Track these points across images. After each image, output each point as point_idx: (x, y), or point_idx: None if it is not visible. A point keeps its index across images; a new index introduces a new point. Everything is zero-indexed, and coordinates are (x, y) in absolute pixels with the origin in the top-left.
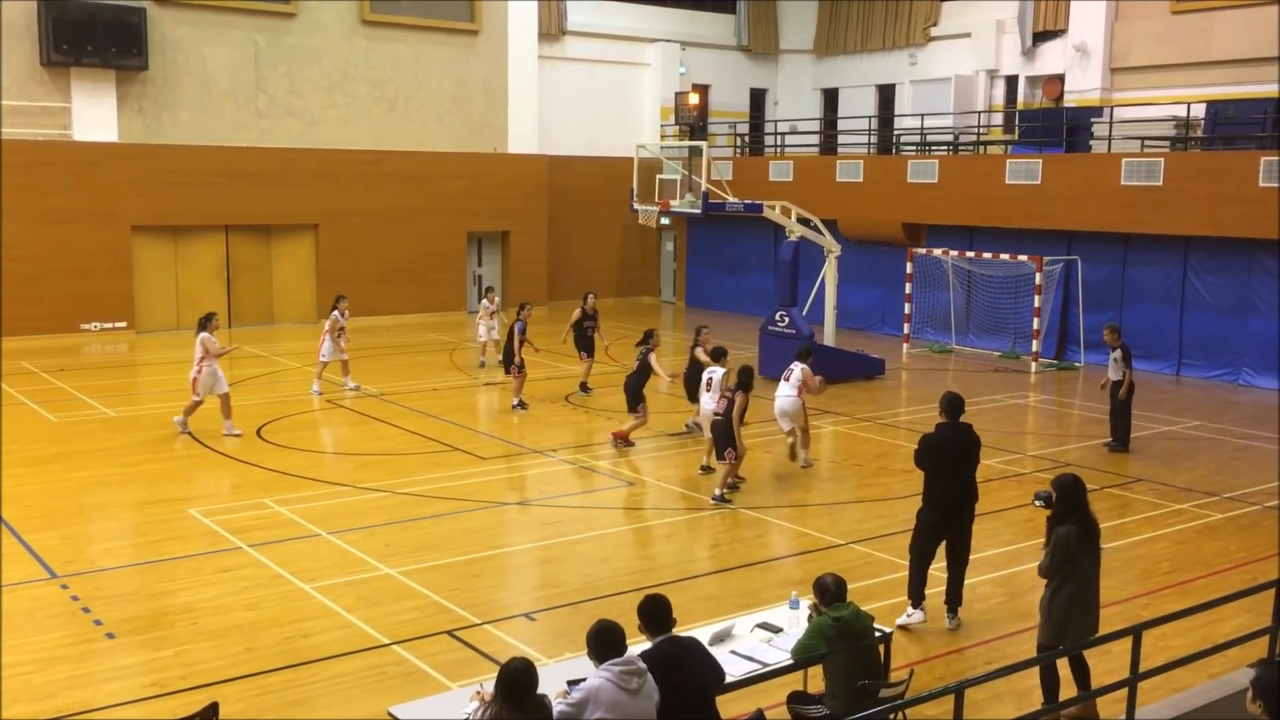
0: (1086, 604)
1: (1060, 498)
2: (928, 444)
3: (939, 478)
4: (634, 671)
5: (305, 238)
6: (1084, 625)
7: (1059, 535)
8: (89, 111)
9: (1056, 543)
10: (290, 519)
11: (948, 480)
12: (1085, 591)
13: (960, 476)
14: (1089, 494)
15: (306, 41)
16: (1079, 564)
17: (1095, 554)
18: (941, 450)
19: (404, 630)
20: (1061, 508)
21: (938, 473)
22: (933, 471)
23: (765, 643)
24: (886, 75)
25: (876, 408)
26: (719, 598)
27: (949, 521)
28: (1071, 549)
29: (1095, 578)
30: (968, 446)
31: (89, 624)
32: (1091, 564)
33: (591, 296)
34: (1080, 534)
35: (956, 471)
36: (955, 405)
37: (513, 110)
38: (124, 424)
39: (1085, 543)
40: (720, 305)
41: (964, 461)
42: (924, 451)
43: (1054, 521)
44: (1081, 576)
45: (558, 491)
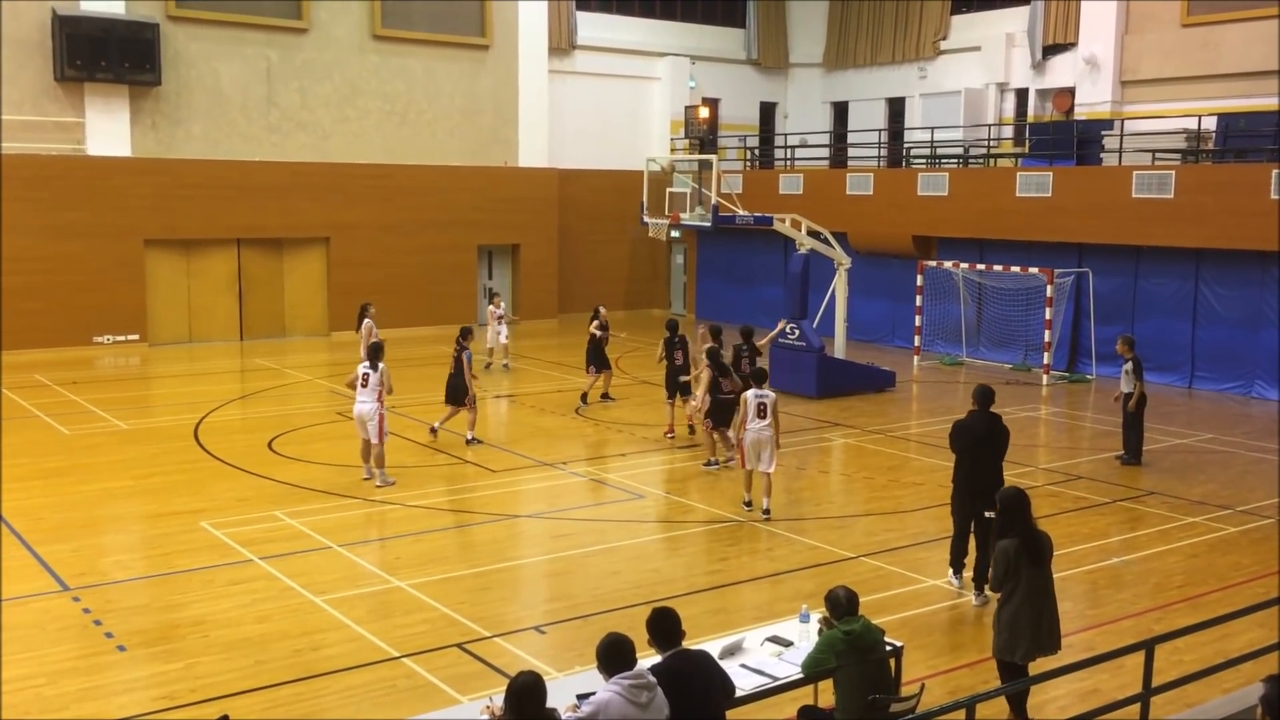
0: (1036, 618)
1: (1002, 511)
2: (958, 428)
3: (966, 460)
4: (644, 685)
5: (316, 251)
6: (1034, 639)
7: (1000, 548)
8: (102, 126)
9: (998, 556)
10: (301, 531)
11: (974, 463)
12: (1033, 604)
13: (984, 462)
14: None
15: (318, 56)
16: (1021, 577)
17: (1042, 568)
18: (966, 433)
19: (414, 643)
20: (1004, 521)
21: (965, 455)
22: (961, 453)
23: (775, 656)
24: (896, 88)
25: (887, 420)
26: (728, 611)
27: (972, 500)
28: (1012, 562)
29: (1045, 591)
30: (994, 434)
31: (100, 636)
32: (1036, 578)
33: (603, 309)
34: (1021, 547)
35: (980, 456)
36: (986, 395)
37: (523, 124)
38: (136, 436)
39: (1028, 556)
40: (730, 317)
41: (989, 447)
42: (954, 435)
43: (997, 535)
44: (1029, 590)
45: (567, 504)
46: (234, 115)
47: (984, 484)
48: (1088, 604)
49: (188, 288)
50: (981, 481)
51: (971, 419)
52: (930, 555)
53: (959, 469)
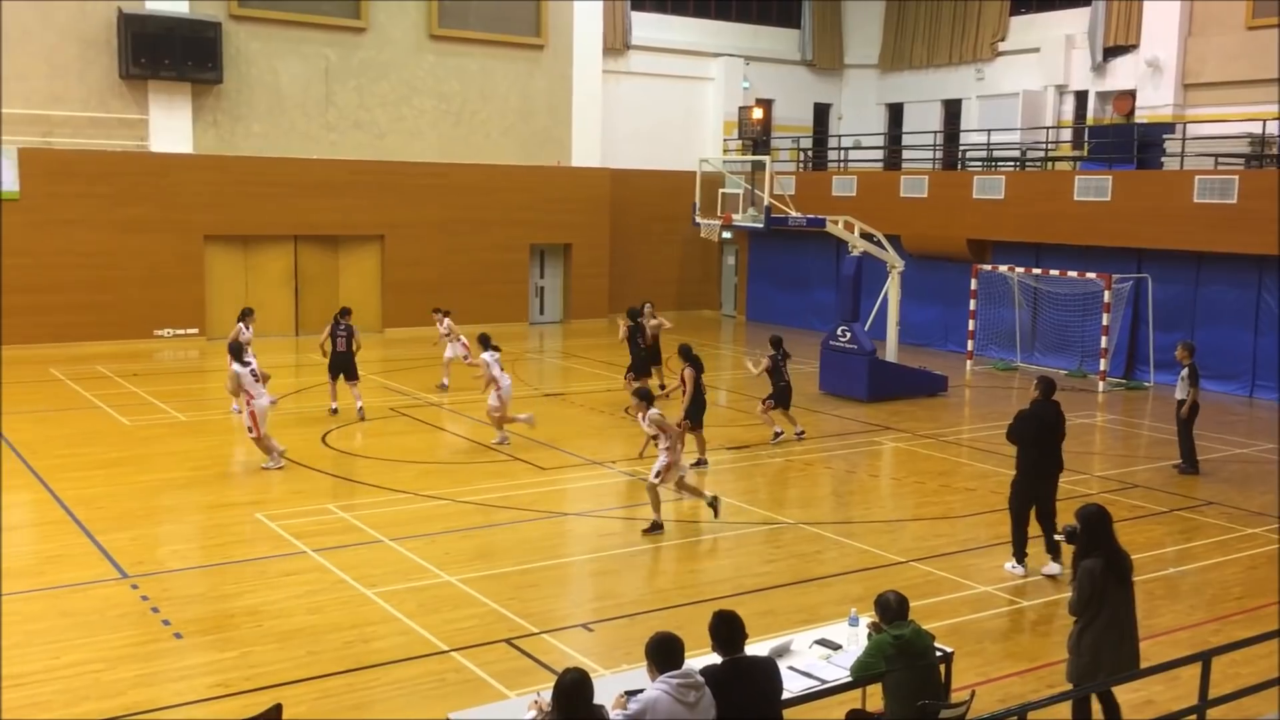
0: (1120, 641)
1: (1084, 529)
2: (1024, 417)
3: (1030, 446)
4: (692, 685)
5: (371, 248)
6: (1117, 664)
7: (1084, 568)
8: (165, 123)
9: (1082, 576)
10: (353, 524)
11: (1040, 453)
12: (1117, 627)
13: (1043, 447)
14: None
15: (376, 56)
16: (1107, 598)
17: (1126, 588)
18: (1033, 421)
19: (463, 637)
20: (1086, 540)
21: (1029, 442)
22: (1024, 441)
23: (824, 659)
24: (953, 90)
25: (939, 425)
26: (776, 613)
27: (1036, 486)
28: (1098, 582)
29: (1129, 613)
30: (1053, 420)
31: (158, 624)
32: (1122, 598)
33: (649, 306)
34: (1107, 567)
35: (1040, 441)
36: (1050, 384)
37: (576, 124)
38: (193, 429)
39: (1113, 576)
40: (781, 320)
41: (1050, 433)
42: (1020, 424)
43: (1079, 555)
44: (1112, 612)
45: (615, 503)
46: (293, 113)
47: (1049, 470)
48: (1144, 614)
49: (245, 283)
50: (1047, 468)
51: (1036, 407)
52: (981, 561)
53: (1025, 458)
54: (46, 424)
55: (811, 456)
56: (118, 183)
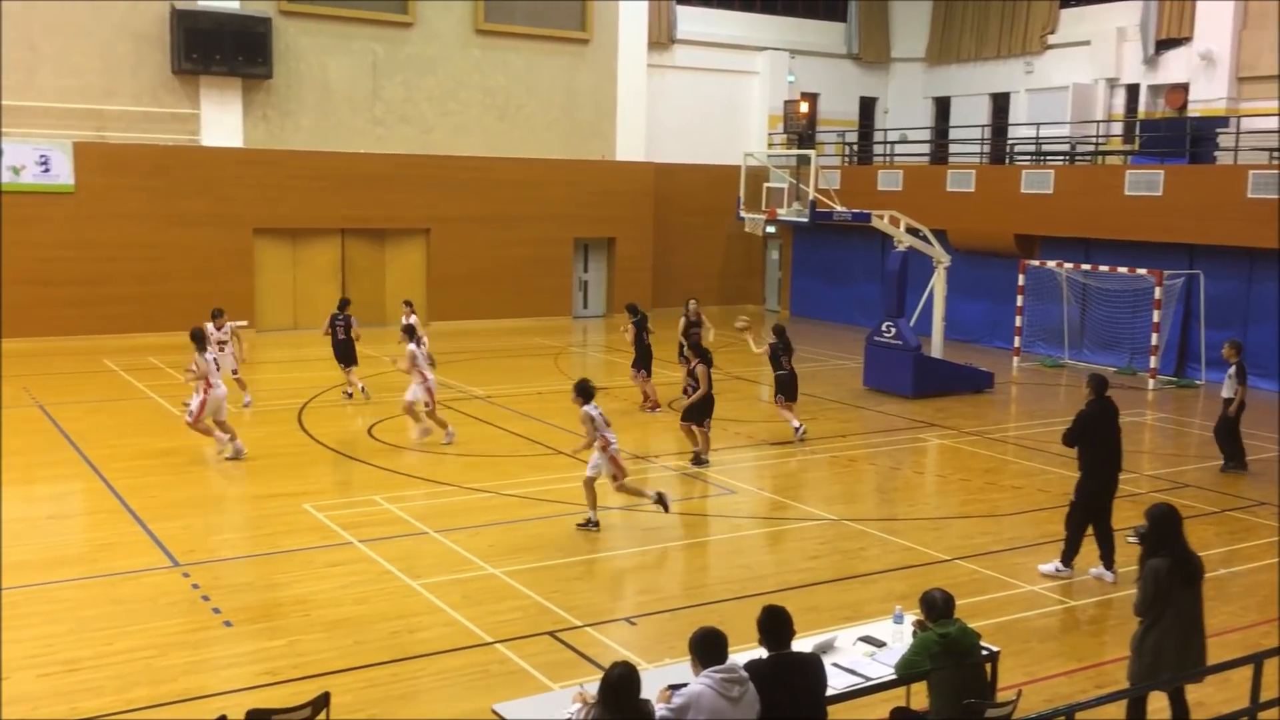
0: (1185, 643)
1: (1152, 528)
2: (1085, 418)
3: (1100, 447)
4: (735, 680)
5: (417, 242)
6: (1181, 666)
7: (1149, 567)
8: (216, 118)
9: (1146, 576)
10: (399, 516)
11: (1104, 448)
12: (1182, 629)
13: (1111, 444)
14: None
15: (422, 51)
16: (1171, 599)
17: (1192, 589)
18: (1098, 420)
19: (507, 630)
20: (1154, 538)
21: (1099, 442)
22: (1092, 442)
23: (868, 656)
24: (1001, 84)
25: (984, 422)
26: (819, 609)
27: (1104, 486)
28: (1163, 582)
29: (1195, 615)
30: (1114, 417)
31: (208, 612)
32: (1188, 600)
33: (694, 302)
34: (1174, 567)
35: (1108, 439)
36: (1103, 382)
37: (621, 118)
38: (242, 420)
39: (1180, 577)
40: (825, 315)
41: (1114, 431)
42: (1084, 425)
43: (1145, 554)
44: (1177, 613)
45: None
46: (340, 108)
47: (1113, 466)
48: None
49: (293, 276)
50: (1113, 467)
51: (1096, 407)
52: (1028, 560)
53: (1094, 459)
54: (100, 414)
55: (855, 453)
56: (169, 176)
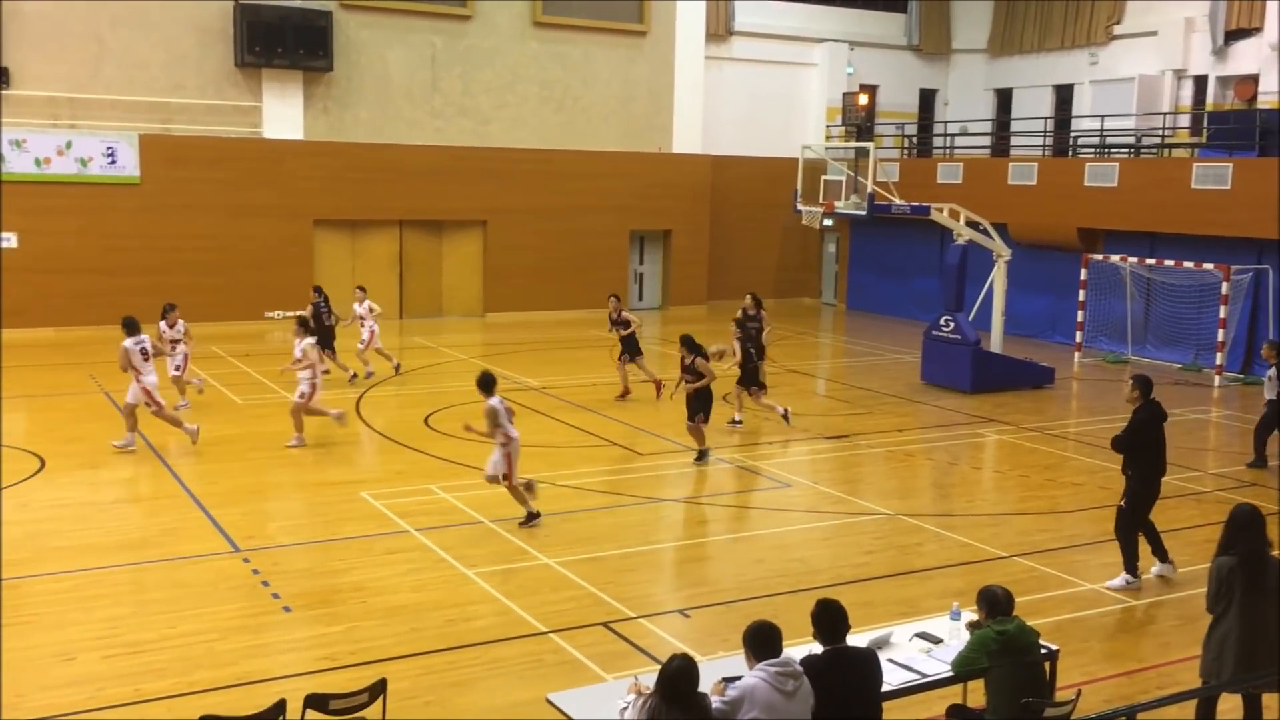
0: (1251, 645)
1: (1227, 525)
2: (1146, 421)
3: (1157, 448)
4: (790, 674)
5: (474, 234)
6: (1248, 665)
7: (1214, 564)
8: (278, 110)
9: (1210, 572)
10: (455, 505)
11: (1155, 452)
12: (1247, 631)
13: (1160, 448)
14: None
15: (481, 43)
16: (1236, 597)
17: (1260, 590)
18: (1156, 421)
19: (560, 620)
20: (1225, 537)
21: (1157, 445)
22: (1152, 445)
23: (924, 653)
24: (1065, 75)
25: (1045, 418)
26: (874, 604)
27: (1155, 490)
28: (1224, 580)
29: (1263, 617)
30: (1163, 420)
31: (268, 597)
32: (1256, 602)
33: (749, 297)
34: (1239, 566)
35: (1158, 443)
36: (1150, 383)
37: (678, 110)
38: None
39: (1244, 576)
40: (882, 309)
41: (1163, 434)
42: (1145, 428)
43: (1218, 551)
44: (1240, 612)
45: (713, 490)
46: (399, 101)
47: (1162, 472)
48: None
49: (352, 267)
50: (1161, 471)
51: (1151, 408)
52: (1089, 558)
53: (1153, 463)
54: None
55: (912, 447)
56: (232, 168)
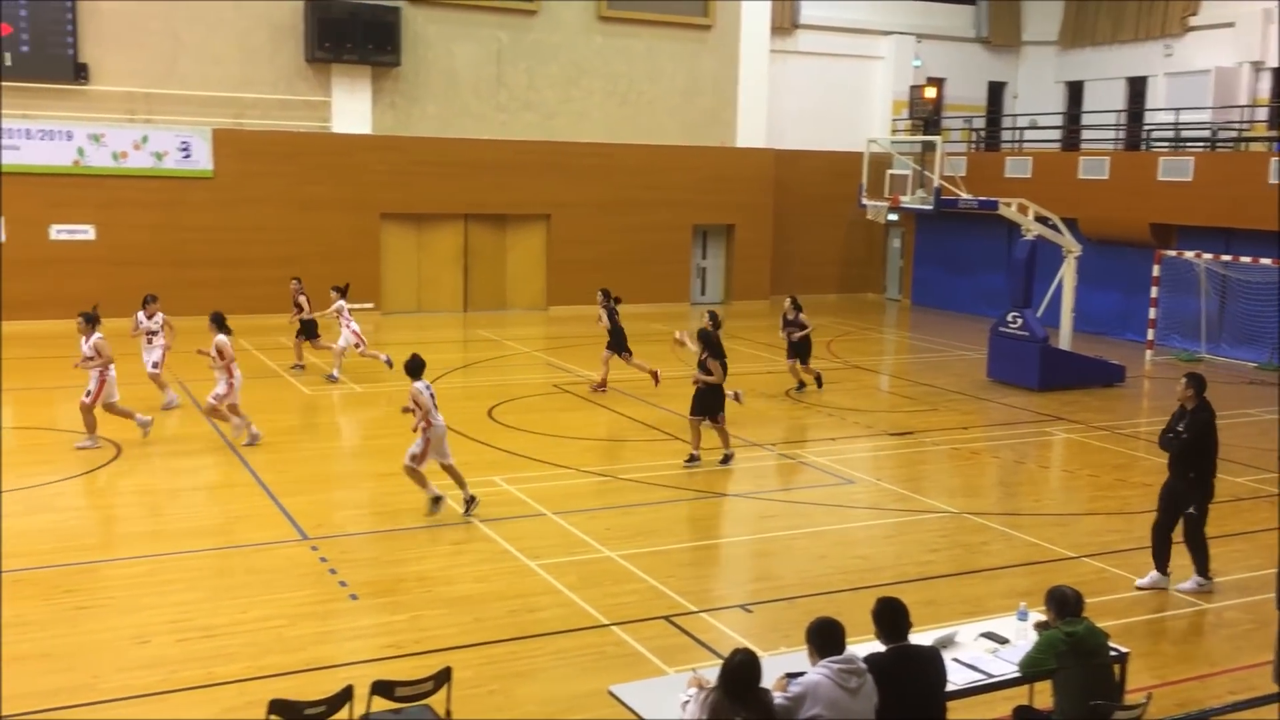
0: None
1: None
2: (1206, 424)
3: (1215, 450)
4: (854, 671)
5: (538, 227)
6: None
7: None
8: (346, 105)
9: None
10: (517, 498)
11: (1214, 454)
12: None
13: (1215, 450)
14: None
15: (546, 38)
16: None
17: None
18: (1214, 423)
19: (622, 612)
20: None
21: (1216, 446)
22: (1213, 446)
23: (990, 653)
24: (1138, 68)
25: (1115, 417)
26: (939, 603)
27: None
28: None
29: None
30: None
31: (335, 584)
32: None
33: (791, 300)
34: None
35: (1216, 445)
36: (1204, 382)
37: (742, 104)
38: (367, 399)
39: None
40: (948, 305)
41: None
42: (1210, 428)
43: None
44: None
45: (775, 485)
46: (465, 95)
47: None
48: None
49: (418, 260)
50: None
51: (1209, 408)
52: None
53: (1213, 462)
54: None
55: (978, 445)
56: (301, 162)
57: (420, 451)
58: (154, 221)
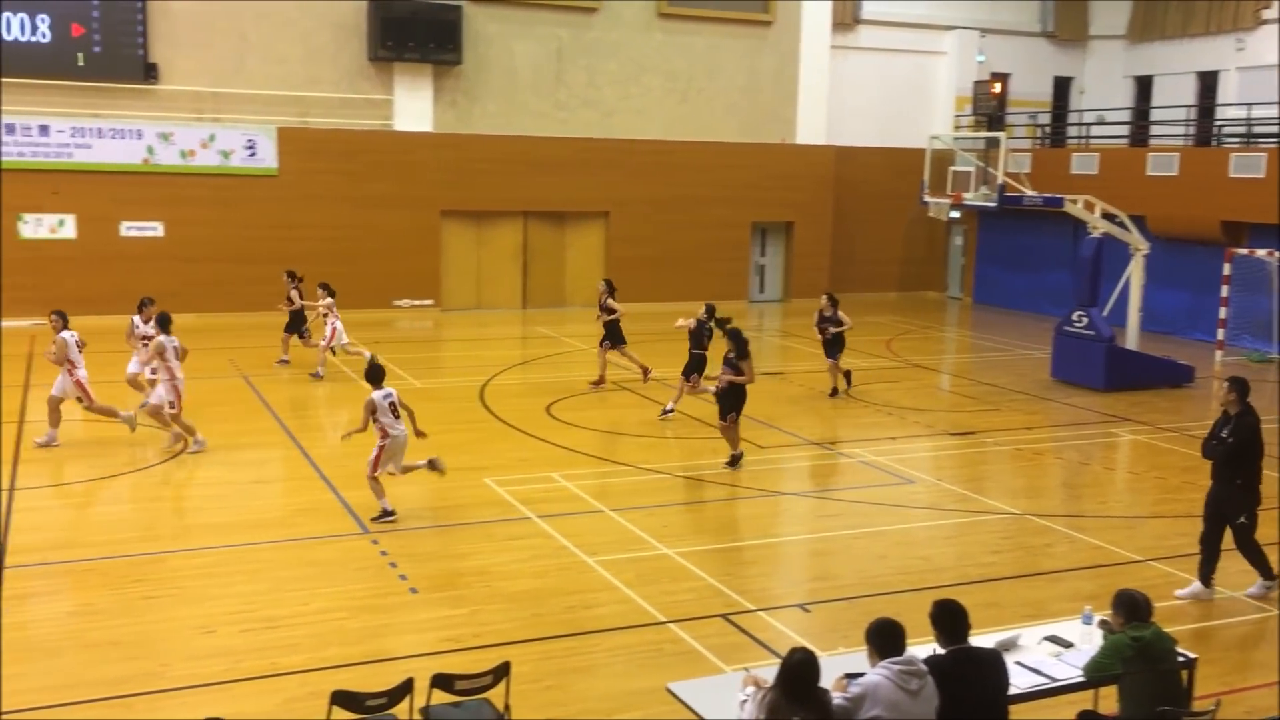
0: None
1: None
2: (1257, 427)
3: (1260, 456)
4: (914, 673)
5: (596, 225)
6: None
7: None
8: (408, 103)
9: None
10: (575, 493)
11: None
12: None
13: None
14: None
15: (606, 36)
16: None
17: None
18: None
19: (679, 610)
20: None
21: (1260, 452)
22: (1259, 453)
23: (1053, 657)
24: (1209, 62)
25: (1183, 418)
26: (1001, 605)
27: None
28: None
29: None
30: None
31: (395, 578)
32: None
33: (825, 297)
34: None
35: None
36: (1249, 387)
37: (802, 101)
38: (428, 394)
39: None
40: (1010, 303)
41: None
42: (1258, 434)
43: None
44: None
45: (834, 484)
46: (525, 93)
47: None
48: None
49: (477, 257)
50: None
51: (1252, 411)
52: (1228, 564)
53: (1259, 468)
54: (299, 386)
55: (1042, 446)
56: (363, 160)
57: (375, 458)
58: (219, 218)
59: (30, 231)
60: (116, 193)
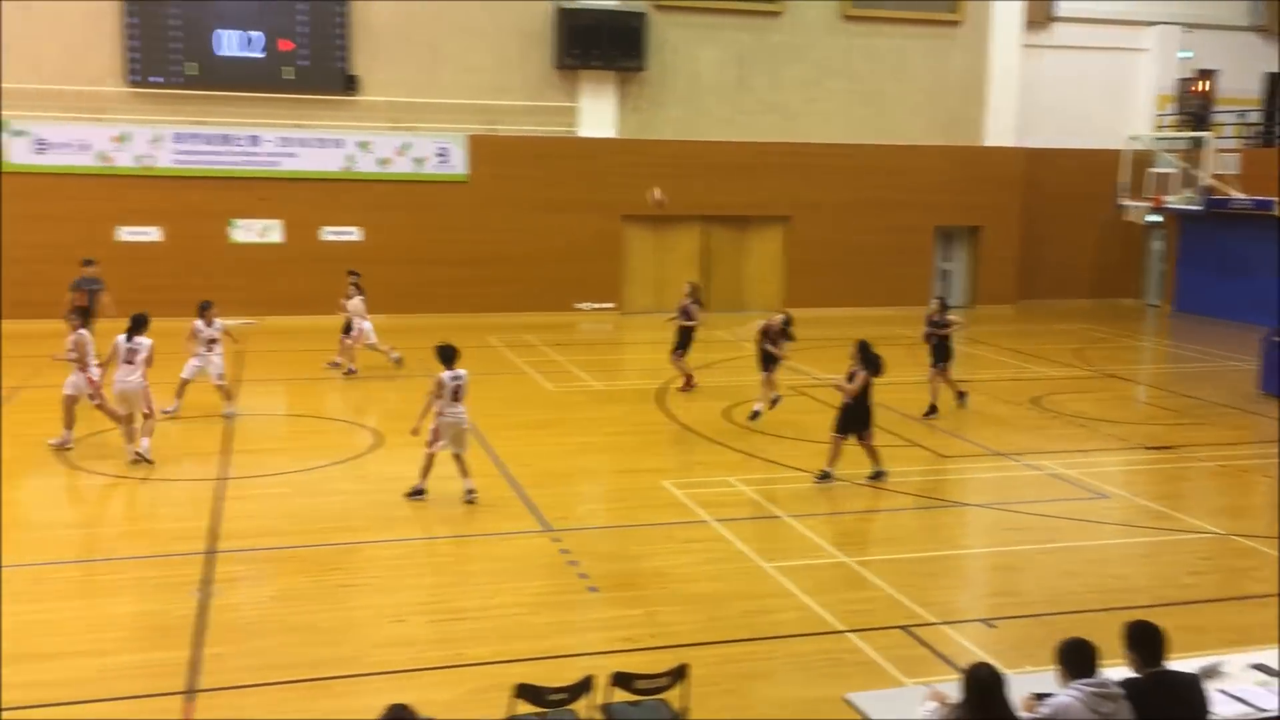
0: None
1: None
2: None
3: None
4: (1107, 695)
5: (776, 229)
6: None
7: None
8: (593, 110)
9: None
10: (752, 498)
11: None
12: None
13: None
14: None
15: (789, 40)
16: None
17: None
18: None
19: (858, 619)
20: None
21: None
22: None
23: (1261, 685)
24: None
25: None
26: (1203, 630)
27: None
28: None
29: None
30: None
31: (575, 576)
32: None
33: (934, 302)
34: None
35: None
36: None
37: (991, 102)
38: (608, 396)
39: None
40: (1215, 311)
41: None
42: None
43: None
44: None
45: (1020, 497)
46: (708, 98)
47: None
48: None
49: (657, 261)
50: None
51: None
52: None
53: None
54: (484, 386)
55: (1247, 463)
56: (548, 166)
57: (432, 436)
58: (413, 223)
59: (241, 236)
60: (319, 199)
